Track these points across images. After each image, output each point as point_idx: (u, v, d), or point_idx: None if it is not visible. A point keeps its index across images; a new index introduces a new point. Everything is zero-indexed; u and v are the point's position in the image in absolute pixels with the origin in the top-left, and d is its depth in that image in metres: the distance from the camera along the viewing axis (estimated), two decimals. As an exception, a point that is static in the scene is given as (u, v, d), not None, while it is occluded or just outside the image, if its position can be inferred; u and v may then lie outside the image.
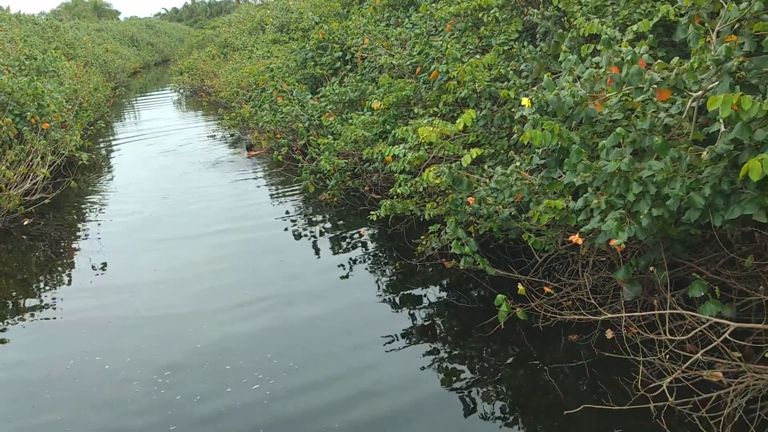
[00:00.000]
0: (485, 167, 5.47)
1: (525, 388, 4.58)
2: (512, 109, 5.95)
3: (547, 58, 6.24)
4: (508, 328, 4.65)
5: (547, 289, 4.61)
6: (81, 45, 27.13)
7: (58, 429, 4.43)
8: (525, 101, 4.60)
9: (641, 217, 3.72)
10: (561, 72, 5.43)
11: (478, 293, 5.83)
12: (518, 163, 4.92)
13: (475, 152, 5.21)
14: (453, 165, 5.15)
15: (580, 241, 4.14)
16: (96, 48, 29.53)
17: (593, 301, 4.22)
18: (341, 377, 4.84)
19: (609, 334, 4.24)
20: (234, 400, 4.59)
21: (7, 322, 6.18)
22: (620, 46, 4.42)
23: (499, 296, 4.31)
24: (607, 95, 4.29)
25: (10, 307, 6.62)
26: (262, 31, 21.46)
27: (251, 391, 4.67)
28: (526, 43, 6.78)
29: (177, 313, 6.13)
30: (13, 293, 7.06)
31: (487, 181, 5.10)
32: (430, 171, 5.33)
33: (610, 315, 3.96)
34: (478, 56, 6.88)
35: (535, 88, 5.64)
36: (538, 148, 4.66)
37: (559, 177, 4.49)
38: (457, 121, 5.27)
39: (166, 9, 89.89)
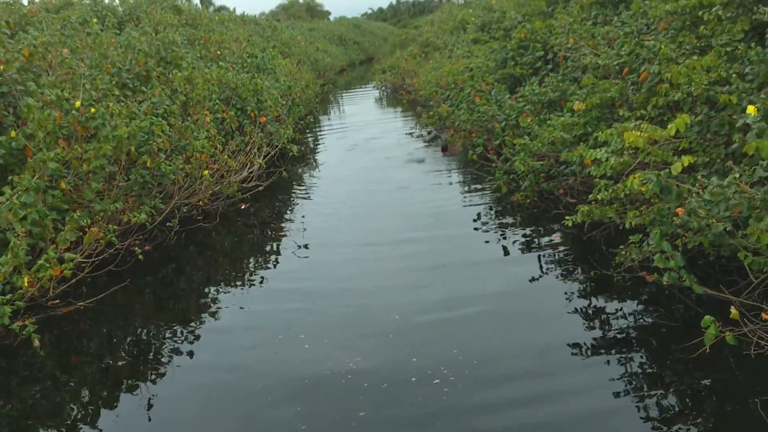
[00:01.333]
0: (698, 177, 5.09)
1: (729, 419, 4.21)
2: (733, 116, 5.49)
3: (778, 60, 5.67)
4: (714, 352, 4.29)
5: (765, 316, 4.20)
6: (295, 44, 29.18)
7: (256, 407, 4.84)
8: (750, 109, 4.22)
9: None
10: (794, 76, 4.91)
11: (681, 312, 5.44)
12: (738, 175, 4.52)
13: (687, 160, 4.87)
14: (662, 172, 4.85)
15: (808, 265, 3.72)
16: (308, 47, 31.58)
17: (820, 333, 3.78)
18: (522, 378, 4.79)
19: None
20: (417, 389, 4.72)
21: (219, 296, 6.86)
22: None
23: (707, 317, 4.01)
24: None
25: (222, 282, 7.33)
26: (464, 31, 21.62)
27: (433, 385, 4.77)
28: (753, 45, 6.20)
29: (369, 303, 6.41)
30: (227, 269, 7.83)
31: (700, 191, 4.75)
32: (635, 177, 5.07)
33: (840, 350, 3.52)
34: (695, 57, 6.42)
35: (761, 94, 5.16)
36: (763, 160, 4.25)
37: (787, 192, 4.07)
38: (669, 126, 4.97)
39: (372, 9, 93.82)
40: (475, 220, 8.62)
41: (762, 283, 4.74)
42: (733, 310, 4.05)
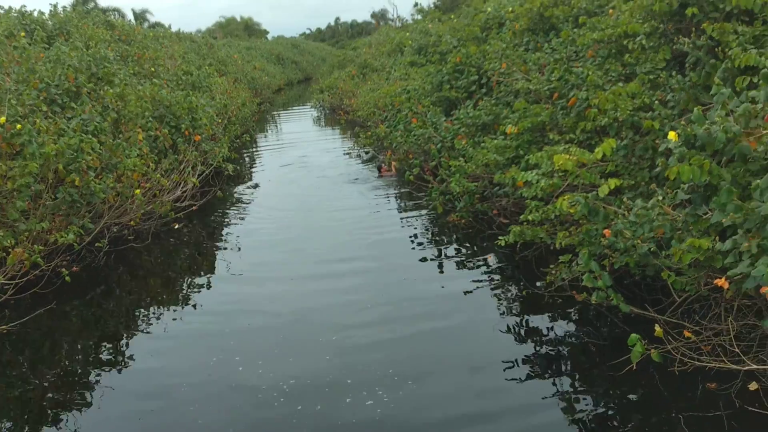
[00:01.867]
0: (624, 199, 5.28)
1: (655, 434, 4.35)
2: (656, 141, 5.72)
3: (697, 88, 5.95)
4: (641, 369, 4.44)
5: (687, 333, 4.36)
6: (232, 62, 28.96)
7: (191, 425, 4.72)
8: (672, 135, 4.41)
9: (797, 263, 3.46)
10: (711, 104, 5.16)
11: (609, 330, 5.61)
12: (660, 197, 4.72)
13: (613, 182, 5.05)
14: (589, 195, 5.01)
15: (725, 285, 3.90)
16: (245, 65, 31.38)
17: (736, 350, 3.95)
18: (456, 398, 4.83)
19: (753, 386, 3.96)
20: (351, 412, 4.70)
21: (150, 318, 6.68)
22: (781, 80, 4.15)
23: (633, 335, 4.13)
24: (764, 132, 4.04)
25: (154, 304, 7.15)
26: (401, 53, 21.92)
27: (366, 406, 4.75)
28: (674, 73, 6.51)
29: (306, 324, 6.35)
30: (158, 291, 7.64)
31: (626, 213, 4.92)
32: (564, 199, 5.22)
33: (755, 366, 3.70)
34: (621, 84, 6.68)
35: (682, 120, 5.40)
36: (684, 183, 4.44)
37: (705, 215, 4.26)
38: (596, 150, 5.14)
39: (310, 29, 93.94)
40: (411, 240, 8.69)
41: (684, 301, 4.93)
42: (657, 328, 4.20)
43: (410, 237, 8.85)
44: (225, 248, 8.94)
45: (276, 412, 4.78)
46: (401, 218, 9.97)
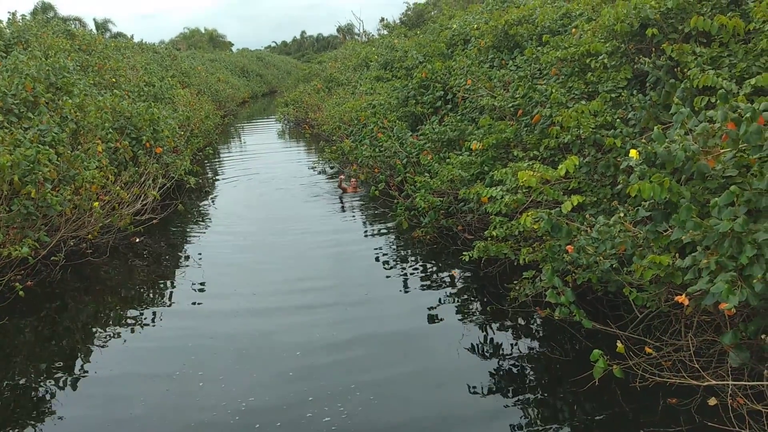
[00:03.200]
0: (587, 216, 5.34)
1: (617, 450, 4.37)
2: (618, 158, 5.80)
3: (657, 107, 6.06)
4: (603, 385, 4.46)
5: (648, 350, 4.41)
6: (195, 74, 28.67)
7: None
8: (633, 153, 4.47)
9: (754, 281, 3.52)
10: (671, 123, 5.25)
11: (572, 346, 5.64)
12: (622, 214, 4.77)
13: (576, 199, 5.09)
14: (552, 211, 5.05)
15: (685, 302, 3.94)
16: (209, 77, 31.11)
17: (696, 365, 4.00)
18: (418, 415, 4.79)
19: (712, 401, 4.00)
20: (311, 427, 4.63)
21: (108, 335, 6.50)
22: (737, 101, 4.24)
23: (596, 351, 4.15)
24: (721, 151, 4.12)
25: (112, 320, 6.96)
26: (367, 68, 21.98)
27: (325, 423, 4.68)
28: (635, 92, 6.62)
29: (268, 341, 6.25)
30: (117, 306, 7.44)
31: (588, 230, 4.97)
32: (528, 215, 5.25)
33: (714, 381, 3.74)
34: (583, 102, 6.78)
35: (643, 138, 5.49)
36: (645, 200, 4.50)
37: (666, 232, 4.32)
38: (559, 167, 5.18)
39: (276, 42, 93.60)
40: (376, 256, 8.65)
41: (645, 317, 4.99)
42: (619, 344, 4.23)
43: (375, 253, 8.81)
44: (185, 263, 8.78)
45: (233, 429, 4.68)
46: (366, 233, 9.93)
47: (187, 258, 9.01)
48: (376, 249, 8.98)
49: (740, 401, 3.67)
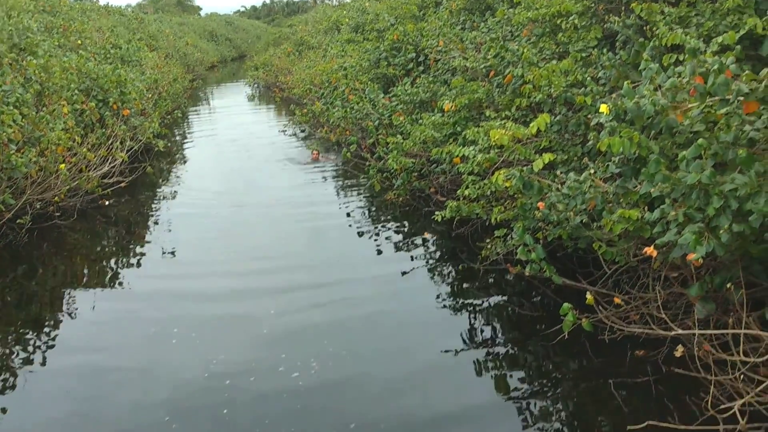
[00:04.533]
0: (557, 173, 5.37)
1: (586, 401, 4.47)
2: (588, 116, 5.83)
3: (626, 66, 6.07)
4: (572, 339, 4.53)
5: (617, 300, 4.48)
6: (163, 37, 28.05)
7: (122, 410, 4.58)
8: (603, 108, 4.49)
9: (721, 232, 3.58)
10: (640, 81, 5.28)
11: (543, 302, 5.72)
12: (593, 171, 4.81)
13: (547, 157, 5.10)
14: (524, 169, 5.07)
15: (654, 254, 4.01)
16: (177, 41, 30.46)
17: (664, 316, 4.08)
18: (389, 372, 4.85)
19: (679, 351, 4.10)
20: (283, 382, 4.67)
21: (77, 299, 6.43)
22: (705, 57, 4.27)
23: (565, 305, 4.21)
24: (690, 106, 4.15)
25: (81, 284, 6.89)
26: (338, 31, 21.67)
27: (294, 378, 4.71)
28: (605, 51, 6.63)
29: (240, 304, 6.21)
30: (85, 271, 7.35)
31: (559, 187, 5.00)
32: (500, 174, 5.27)
33: (681, 331, 3.83)
34: (554, 62, 6.77)
35: (613, 96, 5.51)
36: (615, 156, 4.54)
37: (635, 187, 4.37)
38: (531, 125, 5.19)
39: (245, 6, 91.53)
40: (348, 219, 8.65)
41: (614, 273, 5.06)
42: (588, 295, 4.29)
43: (347, 215, 8.80)
44: (155, 227, 8.68)
45: (205, 385, 4.69)
46: (337, 196, 9.90)
47: (156, 222, 8.91)
48: (348, 211, 8.98)
49: (706, 349, 3.76)
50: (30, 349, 5.42)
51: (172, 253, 7.53)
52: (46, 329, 5.81)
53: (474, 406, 4.45)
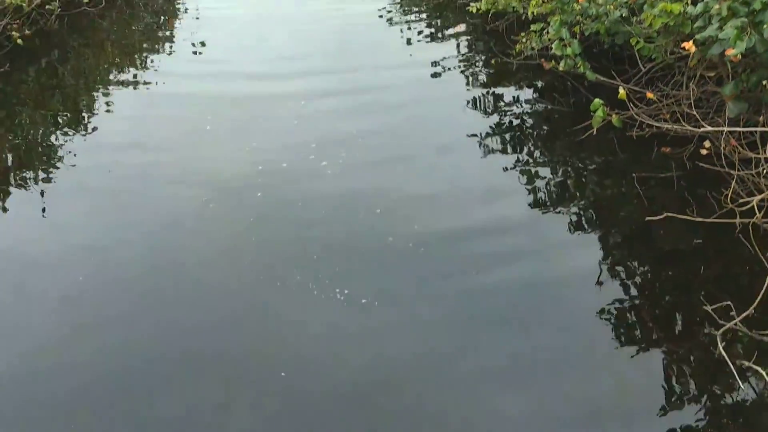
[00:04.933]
0: (601, -37, 5.08)
1: (609, 193, 4.62)
2: None
3: None
4: (601, 135, 4.58)
5: (649, 95, 4.44)
6: None
7: (162, 191, 4.82)
8: None
9: (765, 26, 3.47)
10: None
11: (575, 99, 5.70)
12: (638, -40, 4.55)
13: (592, -54, 4.83)
14: (567, -42, 4.82)
15: (692, 49, 3.92)
16: None
17: (695, 113, 4.08)
18: (418, 167, 4.88)
19: (705, 147, 4.16)
20: (313, 167, 4.81)
21: (111, 84, 6.51)
22: None
23: (597, 101, 4.20)
24: None
25: (114, 70, 6.92)
26: None
27: (321, 167, 4.82)
28: None
29: (270, 93, 6.24)
30: (117, 59, 7.36)
31: (602, -22, 4.78)
32: (540, -37, 5.02)
33: (710, 128, 3.84)
34: None
35: None
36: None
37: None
38: None
39: None
40: (379, 12, 8.39)
41: (650, 71, 4.98)
42: (621, 90, 4.26)
43: (378, 7, 8.53)
44: (184, 16, 8.53)
45: (239, 169, 4.88)
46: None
47: (185, 11, 8.73)
48: (379, 5, 8.68)
49: (733, 144, 3.80)
50: (68, 132, 5.53)
51: (203, 43, 7.45)
52: (84, 113, 5.92)
53: (497, 194, 4.59)
